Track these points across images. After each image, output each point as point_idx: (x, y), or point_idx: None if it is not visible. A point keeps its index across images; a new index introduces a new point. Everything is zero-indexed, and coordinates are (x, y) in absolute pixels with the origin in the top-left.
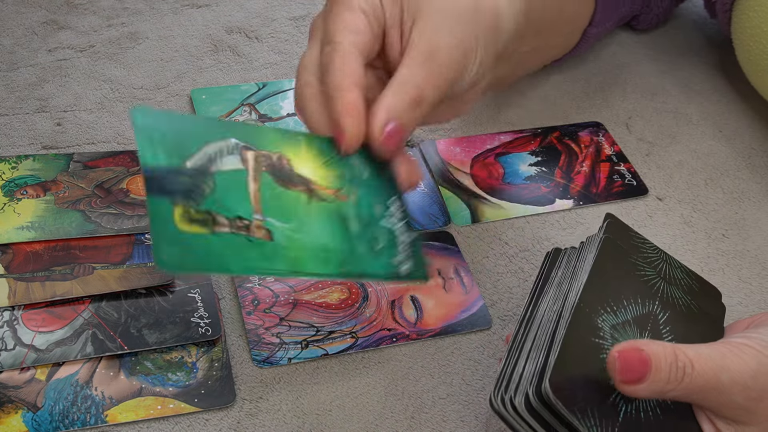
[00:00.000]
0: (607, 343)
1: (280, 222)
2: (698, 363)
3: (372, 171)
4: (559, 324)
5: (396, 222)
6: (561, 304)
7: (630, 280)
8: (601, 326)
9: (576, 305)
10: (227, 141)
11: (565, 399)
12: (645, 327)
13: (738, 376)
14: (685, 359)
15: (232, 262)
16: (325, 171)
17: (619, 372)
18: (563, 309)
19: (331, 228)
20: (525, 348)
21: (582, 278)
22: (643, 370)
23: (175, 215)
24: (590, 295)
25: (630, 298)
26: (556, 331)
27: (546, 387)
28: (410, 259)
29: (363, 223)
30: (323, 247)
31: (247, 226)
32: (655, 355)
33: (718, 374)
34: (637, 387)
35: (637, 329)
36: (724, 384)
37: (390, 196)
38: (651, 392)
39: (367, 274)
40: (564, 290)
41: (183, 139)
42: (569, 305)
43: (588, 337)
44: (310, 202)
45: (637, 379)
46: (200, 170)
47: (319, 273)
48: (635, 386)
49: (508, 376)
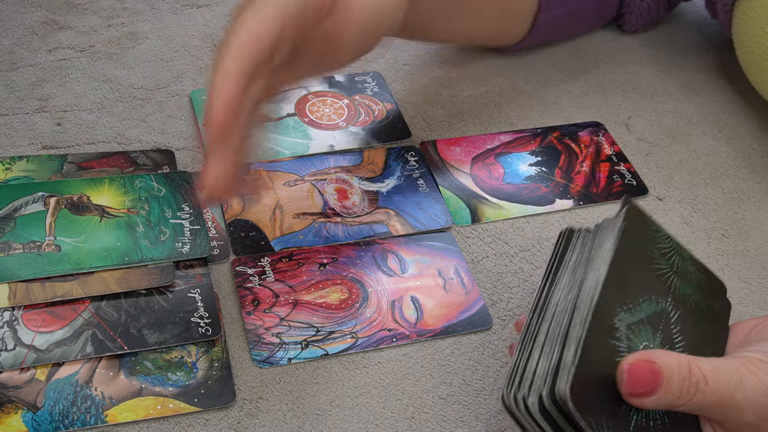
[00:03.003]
0: (622, 345)
1: (69, 239)
2: (712, 379)
3: (169, 188)
4: (574, 316)
5: (187, 217)
6: (576, 292)
7: (646, 274)
8: (618, 326)
9: (596, 303)
10: (34, 195)
11: (582, 406)
12: (657, 327)
13: (752, 395)
14: (699, 374)
15: (21, 270)
16: (124, 197)
17: (627, 385)
18: (578, 300)
19: (117, 235)
20: (538, 340)
21: (600, 271)
22: (654, 383)
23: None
24: (609, 291)
25: (645, 295)
26: (571, 324)
27: (564, 392)
28: (192, 242)
29: (151, 225)
30: (105, 249)
31: (39, 246)
32: (667, 368)
33: (732, 392)
34: (645, 399)
35: (650, 329)
36: (739, 402)
37: (183, 202)
38: (659, 405)
39: (147, 259)
40: (579, 278)
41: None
42: (586, 298)
43: (605, 339)
44: (101, 221)
45: (646, 392)
46: (5, 218)
47: (98, 266)
48: (643, 399)
49: (521, 372)
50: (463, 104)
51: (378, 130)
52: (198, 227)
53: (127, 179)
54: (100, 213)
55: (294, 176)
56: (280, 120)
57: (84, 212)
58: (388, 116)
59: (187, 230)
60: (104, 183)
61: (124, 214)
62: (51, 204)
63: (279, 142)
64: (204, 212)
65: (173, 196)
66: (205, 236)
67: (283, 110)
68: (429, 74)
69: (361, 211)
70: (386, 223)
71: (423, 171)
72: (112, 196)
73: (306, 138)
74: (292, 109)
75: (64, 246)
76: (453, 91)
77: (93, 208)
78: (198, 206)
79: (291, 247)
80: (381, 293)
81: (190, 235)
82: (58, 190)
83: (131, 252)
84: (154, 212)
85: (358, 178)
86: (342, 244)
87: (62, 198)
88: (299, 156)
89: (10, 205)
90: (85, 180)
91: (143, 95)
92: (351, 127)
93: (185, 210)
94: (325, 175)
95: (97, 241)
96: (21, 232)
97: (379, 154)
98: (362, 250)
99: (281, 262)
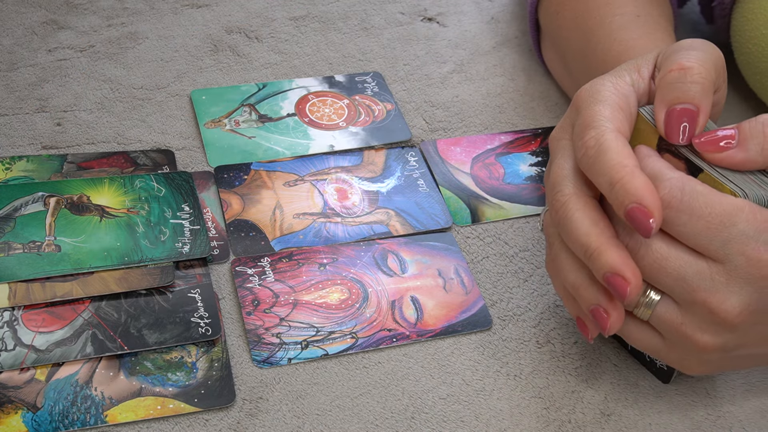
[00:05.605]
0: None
1: (69, 239)
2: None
3: (169, 188)
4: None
5: (186, 217)
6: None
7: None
8: None
9: None
10: (33, 195)
11: None
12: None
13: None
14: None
15: (21, 270)
16: (124, 197)
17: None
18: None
19: (117, 235)
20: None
21: None
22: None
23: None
24: None
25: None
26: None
27: None
28: (192, 242)
29: (151, 225)
30: (105, 249)
31: (39, 246)
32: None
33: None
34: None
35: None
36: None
37: (183, 202)
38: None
39: (147, 259)
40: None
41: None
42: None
43: None
44: (101, 221)
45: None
46: (4, 218)
47: (98, 266)
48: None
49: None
50: (463, 104)
51: (378, 130)
52: (198, 227)
53: (127, 179)
54: (100, 213)
55: (294, 176)
56: (280, 120)
57: (84, 212)
58: (388, 116)
59: (187, 230)
60: (104, 183)
61: (124, 214)
62: (51, 204)
63: (279, 142)
64: (204, 212)
65: (173, 196)
66: (205, 236)
67: (283, 110)
68: (429, 74)
69: (361, 211)
70: (386, 223)
71: (423, 171)
72: (112, 196)
73: (306, 138)
74: (292, 109)
75: (64, 246)
76: (453, 91)
77: (93, 208)
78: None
79: (291, 247)
80: (381, 293)
81: (190, 235)
82: (58, 190)
83: (131, 252)
84: (154, 212)
85: (358, 178)
86: (342, 244)
87: (62, 198)
88: (299, 156)
89: (10, 205)
90: (85, 180)
91: (143, 95)
92: (351, 127)
93: (185, 210)
94: (325, 175)
95: (97, 241)
96: (21, 232)
97: (379, 154)
98: (362, 250)
99: (281, 263)
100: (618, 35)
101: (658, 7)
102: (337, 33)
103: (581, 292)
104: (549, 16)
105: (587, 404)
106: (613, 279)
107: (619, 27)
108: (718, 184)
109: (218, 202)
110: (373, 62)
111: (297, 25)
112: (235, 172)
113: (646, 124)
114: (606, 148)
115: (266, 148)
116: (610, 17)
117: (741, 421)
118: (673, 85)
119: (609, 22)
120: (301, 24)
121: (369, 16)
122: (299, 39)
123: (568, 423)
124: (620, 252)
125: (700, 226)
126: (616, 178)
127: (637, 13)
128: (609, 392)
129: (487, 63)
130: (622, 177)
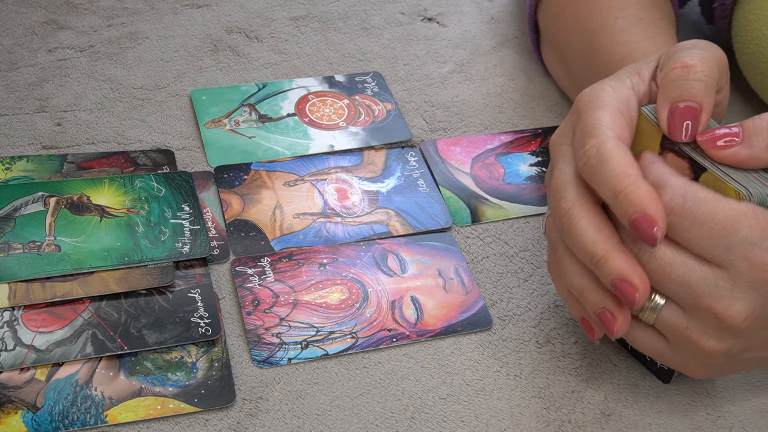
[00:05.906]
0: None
1: (69, 239)
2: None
3: (169, 188)
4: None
5: (186, 217)
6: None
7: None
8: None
9: None
10: (34, 195)
11: None
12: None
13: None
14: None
15: (21, 270)
16: (124, 197)
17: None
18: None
19: (117, 235)
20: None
21: None
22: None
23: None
24: None
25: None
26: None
27: None
28: (192, 242)
29: (151, 225)
30: (105, 249)
31: (39, 246)
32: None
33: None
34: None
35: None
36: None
37: (183, 202)
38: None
39: (147, 259)
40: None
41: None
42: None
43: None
44: (101, 221)
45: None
46: (4, 218)
47: (98, 266)
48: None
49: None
50: (463, 104)
51: (378, 130)
52: (198, 227)
53: (127, 179)
54: (100, 213)
55: (294, 176)
56: (280, 120)
57: (84, 212)
58: (388, 116)
59: (187, 230)
60: (104, 183)
61: (124, 214)
62: (51, 204)
63: (279, 142)
64: (204, 212)
65: (173, 196)
66: (205, 236)
67: (283, 110)
68: (429, 74)
69: (361, 211)
70: (386, 223)
71: (423, 171)
72: (112, 196)
73: (306, 138)
74: (292, 109)
75: (64, 246)
76: (453, 91)
77: (93, 208)
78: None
79: (291, 247)
80: (381, 293)
81: (190, 235)
82: (58, 190)
83: (131, 252)
84: (154, 212)
85: (358, 178)
86: (342, 244)
87: (62, 198)
88: (299, 156)
89: (10, 205)
90: (85, 180)
91: (143, 95)
92: (351, 127)
93: (185, 210)
94: (325, 175)
95: (97, 241)
96: (21, 232)
97: (379, 154)
98: (362, 250)
99: (281, 263)
100: (621, 38)
101: (659, 10)
102: (337, 33)
103: (587, 295)
104: (549, 19)
105: (587, 404)
106: (621, 285)
107: (621, 30)
108: (722, 183)
109: (218, 202)
110: (373, 62)
111: (297, 25)
112: (235, 172)
113: (649, 123)
114: (607, 158)
115: (266, 148)
116: (612, 20)
117: (741, 421)
118: (676, 83)
119: (611, 25)
120: (301, 24)
121: (369, 16)
122: (299, 39)
123: (568, 423)
124: (627, 258)
125: (702, 233)
126: (620, 188)
127: (639, 16)
128: (609, 392)
129: (487, 63)
130: (626, 187)
